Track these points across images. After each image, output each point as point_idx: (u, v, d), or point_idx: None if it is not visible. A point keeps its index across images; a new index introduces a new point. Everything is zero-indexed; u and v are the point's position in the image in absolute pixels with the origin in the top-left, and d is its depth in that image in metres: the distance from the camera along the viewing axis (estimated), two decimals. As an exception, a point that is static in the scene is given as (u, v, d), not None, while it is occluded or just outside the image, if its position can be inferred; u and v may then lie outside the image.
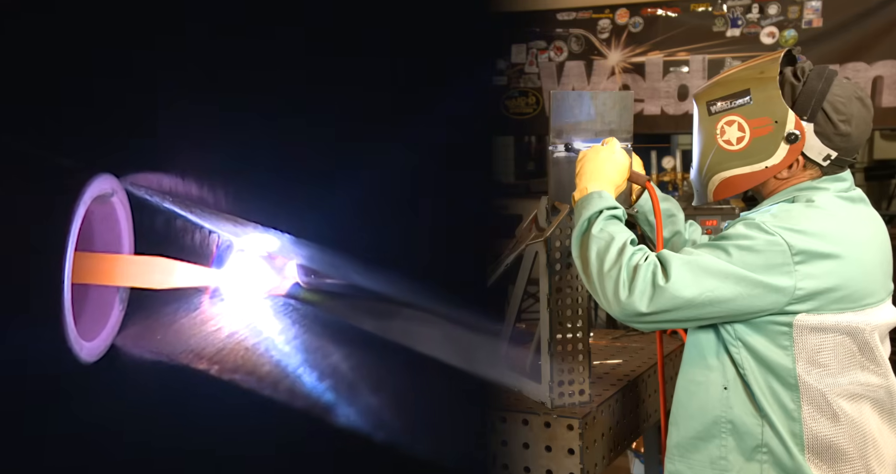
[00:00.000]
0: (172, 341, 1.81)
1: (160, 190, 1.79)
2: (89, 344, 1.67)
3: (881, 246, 1.87)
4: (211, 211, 1.85)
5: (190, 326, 1.86)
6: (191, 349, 1.81)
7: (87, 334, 1.68)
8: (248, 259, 1.96)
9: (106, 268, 1.74)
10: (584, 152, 1.98)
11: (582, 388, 2.14)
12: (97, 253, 1.76)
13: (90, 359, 1.66)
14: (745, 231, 1.74)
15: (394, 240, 1.90)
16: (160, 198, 1.79)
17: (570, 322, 2.12)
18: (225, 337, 1.87)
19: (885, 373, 1.85)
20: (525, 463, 2.09)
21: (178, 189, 1.81)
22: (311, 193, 1.87)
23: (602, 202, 1.84)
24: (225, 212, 1.87)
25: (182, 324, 1.85)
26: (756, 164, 1.82)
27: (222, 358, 1.81)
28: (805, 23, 5.43)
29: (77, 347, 1.61)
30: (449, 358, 1.83)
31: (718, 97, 1.85)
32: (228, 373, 1.79)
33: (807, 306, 1.74)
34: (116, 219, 1.75)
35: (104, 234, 1.76)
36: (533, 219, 2.17)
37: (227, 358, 1.81)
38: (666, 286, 1.70)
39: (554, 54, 6.05)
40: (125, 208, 1.75)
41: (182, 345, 1.81)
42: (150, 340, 1.79)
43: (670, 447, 1.93)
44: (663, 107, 5.80)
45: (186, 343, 1.82)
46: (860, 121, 1.80)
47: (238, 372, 1.80)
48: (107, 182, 1.67)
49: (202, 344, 1.83)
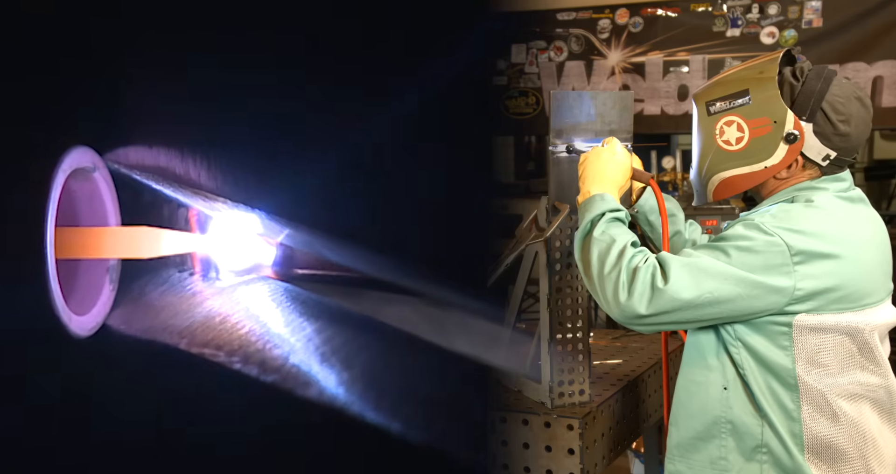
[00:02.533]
0: (163, 320, 1.79)
1: (139, 166, 1.77)
2: (80, 317, 1.65)
3: (881, 246, 1.87)
4: (191, 188, 1.84)
5: (180, 306, 1.85)
6: (181, 327, 1.79)
7: (79, 309, 1.66)
8: (232, 235, 1.94)
9: (92, 241, 1.72)
10: (586, 155, 1.98)
11: (582, 388, 2.14)
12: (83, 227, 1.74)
13: (81, 333, 1.64)
14: (744, 232, 1.74)
15: (368, 216, 1.88)
16: (141, 175, 1.76)
17: (570, 322, 2.12)
18: (214, 316, 1.85)
19: (884, 373, 1.85)
20: (525, 463, 2.09)
21: (159, 165, 1.79)
22: (288, 170, 1.84)
23: (604, 204, 1.85)
24: (205, 190, 1.85)
25: (172, 304, 1.84)
26: (755, 164, 1.82)
27: (212, 337, 1.80)
28: (805, 23, 5.43)
29: (66, 318, 1.59)
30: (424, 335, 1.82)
31: (718, 97, 1.85)
32: (213, 350, 1.77)
33: (806, 306, 1.74)
34: (100, 196, 1.72)
35: (89, 212, 1.73)
36: (533, 219, 2.17)
37: (216, 337, 1.80)
38: (665, 288, 1.70)
39: (554, 54, 6.05)
40: (109, 184, 1.72)
41: (171, 324, 1.79)
42: (141, 319, 1.77)
43: (670, 447, 1.93)
44: (663, 107, 5.81)
45: (176, 321, 1.80)
46: (859, 121, 1.80)
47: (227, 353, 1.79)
48: (86, 155, 1.64)
49: (193, 323, 1.82)
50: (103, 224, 1.74)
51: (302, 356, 1.83)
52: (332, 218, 1.87)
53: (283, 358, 1.83)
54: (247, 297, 1.95)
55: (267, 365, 1.80)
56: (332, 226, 1.86)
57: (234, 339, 1.82)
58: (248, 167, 1.86)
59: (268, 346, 1.84)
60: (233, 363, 1.78)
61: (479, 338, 1.95)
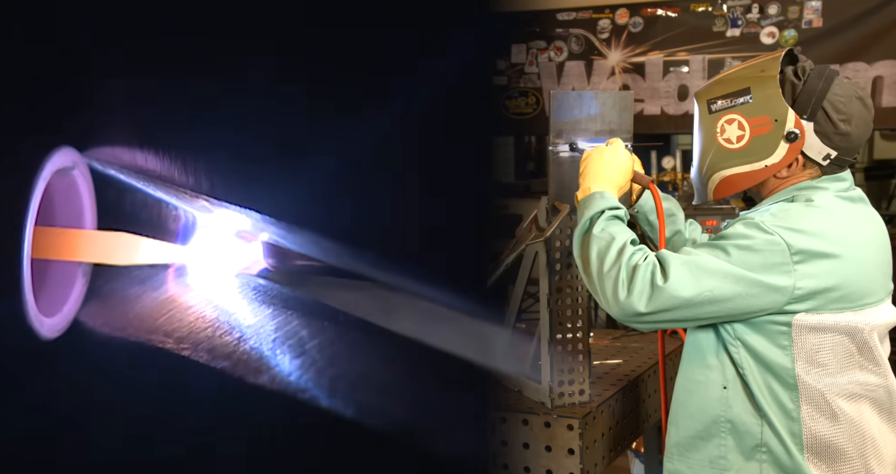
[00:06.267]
0: (137, 318, 1.78)
1: (122, 165, 1.75)
2: (50, 320, 1.63)
3: (880, 246, 1.86)
4: (175, 187, 1.82)
5: (155, 304, 1.83)
6: (155, 326, 1.78)
7: (48, 310, 1.64)
8: (214, 236, 1.93)
9: (68, 243, 1.69)
10: (589, 152, 1.98)
11: (582, 388, 2.14)
12: (58, 227, 1.71)
13: (51, 336, 1.62)
14: (744, 230, 1.74)
15: (367, 216, 1.87)
16: (123, 173, 1.75)
17: (570, 322, 2.12)
18: (190, 315, 1.84)
19: (884, 373, 1.85)
20: (525, 463, 2.09)
21: (140, 164, 1.78)
22: (280, 170, 1.84)
23: (604, 202, 1.84)
24: (191, 189, 1.84)
25: (147, 302, 1.82)
26: (756, 163, 1.82)
27: (186, 335, 1.78)
28: (805, 23, 5.44)
29: (37, 324, 1.57)
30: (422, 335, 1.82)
31: (719, 95, 1.85)
32: (193, 351, 1.76)
33: (806, 306, 1.74)
34: (78, 192, 1.70)
35: (65, 209, 1.71)
36: (533, 219, 2.17)
37: (191, 336, 1.79)
38: (664, 286, 1.70)
39: (554, 54, 6.05)
40: (87, 182, 1.70)
41: (146, 322, 1.78)
42: (113, 317, 1.76)
43: (669, 446, 1.93)
44: (663, 107, 5.81)
45: (151, 320, 1.79)
46: (860, 120, 1.80)
47: (204, 352, 1.77)
48: (68, 155, 1.63)
49: (167, 321, 1.80)
50: (78, 220, 1.72)
51: (293, 358, 1.82)
52: (329, 218, 1.86)
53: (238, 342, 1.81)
54: (229, 298, 1.94)
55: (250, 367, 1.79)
56: (329, 226, 1.85)
57: (217, 341, 1.81)
58: (240, 167, 1.86)
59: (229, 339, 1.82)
60: (211, 361, 1.76)
61: (479, 338, 1.94)
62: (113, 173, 1.73)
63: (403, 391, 1.80)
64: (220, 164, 1.84)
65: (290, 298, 1.92)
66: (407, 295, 1.84)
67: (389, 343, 1.83)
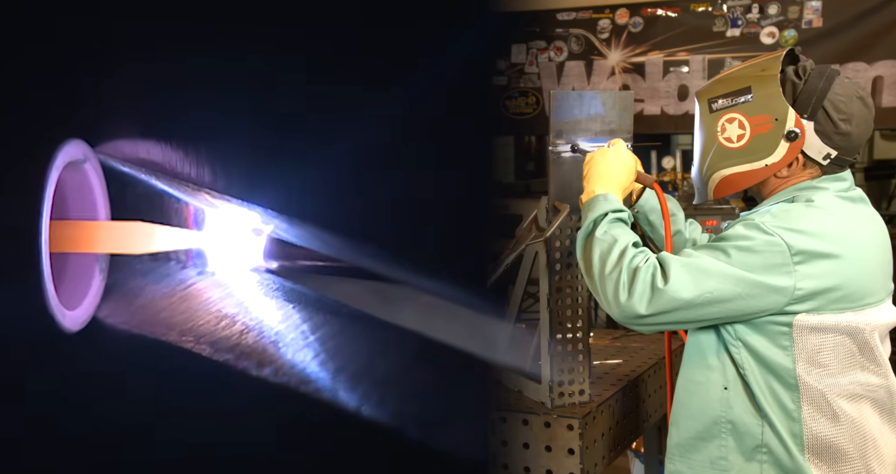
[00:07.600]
0: (154, 313, 1.78)
1: (135, 159, 1.76)
2: (72, 312, 1.64)
3: (881, 246, 1.86)
4: (187, 183, 1.82)
5: (173, 300, 1.83)
6: (174, 323, 1.78)
7: (69, 303, 1.65)
8: (228, 230, 1.93)
9: (84, 235, 1.70)
10: (591, 154, 1.98)
11: (582, 388, 2.14)
12: (73, 220, 1.72)
13: (74, 328, 1.63)
14: (745, 231, 1.73)
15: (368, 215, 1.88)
16: (135, 168, 1.75)
17: (570, 322, 2.12)
18: (209, 312, 1.84)
19: (885, 373, 1.85)
20: (525, 463, 2.09)
21: (152, 158, 1.78)
22: (288, 167, 1.84)
23: (608, 205, 1.84)
24: (202, 185, 1.84)
25: (165, 297, 1.82)
26: (756, 162, 1.82)
27: (205, 333, 1.79)
28: (805, 23, 5.44)
29: (59, 315, 1.58)
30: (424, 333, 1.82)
31: (720, 94, 1.85)
32: (210, 348, 1.76)
33: (806, 306, 1.73)
34: (90, 186, 1.71)
35: (79, 203, 1.72)
36: (533, 219, 2.17)
37: (211, 333, 1.79)
38: (665, 288, 1.69)
39: (554, 54, 6.05)
40: (99, 175, 1.71)
41: (164, 318, 1.78)
42: (132, 312, 1.76)
43: (670, 447, 1.93)
44: (663, 107, 5.81)
45: (169, 316, 1.79)
46: (861, 120, 1.80)
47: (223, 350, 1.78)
48: (78, 148, 1.63)
49: (186, 317, 1.80)
50: (92, 213, 1.72)
51: (304, 356, 1.83)
52: (332, 216, 1.86)
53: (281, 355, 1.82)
54: (242, 291, 1.94)
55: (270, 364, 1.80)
56: (332, 223, 1.85)
57: (232, 336, 1.81)
58: (247, 163, 1.86)
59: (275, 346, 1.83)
60: (231, 360, 1.77)
61: (481, 337, 1.94)
62: (124, 168, 1.74)
63: (405, 384, 1.80)
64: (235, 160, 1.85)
65: (292, 291, 1.93)
66: (409, 288, 1.84)
67: (392, 336, 1.83)
